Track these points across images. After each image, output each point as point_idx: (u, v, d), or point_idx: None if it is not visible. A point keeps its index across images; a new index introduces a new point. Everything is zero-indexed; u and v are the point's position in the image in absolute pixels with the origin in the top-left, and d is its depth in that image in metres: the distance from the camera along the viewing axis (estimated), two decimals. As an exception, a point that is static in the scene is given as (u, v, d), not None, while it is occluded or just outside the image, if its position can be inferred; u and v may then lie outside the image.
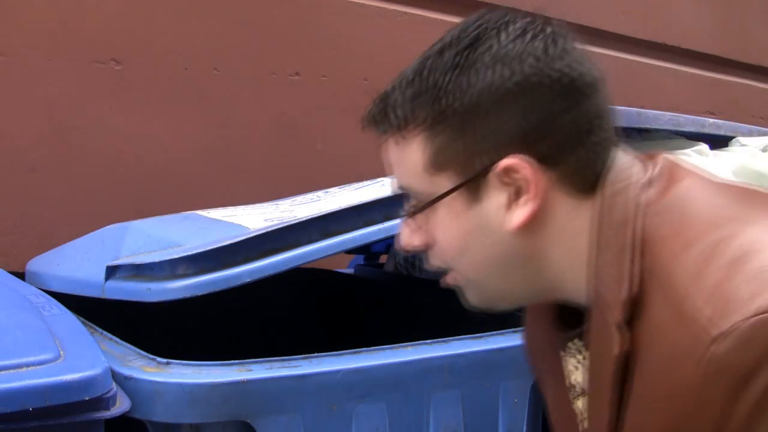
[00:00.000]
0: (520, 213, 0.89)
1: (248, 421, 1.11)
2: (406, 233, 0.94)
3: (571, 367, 1.02)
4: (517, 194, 0.89)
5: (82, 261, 1.49)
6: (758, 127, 1.80)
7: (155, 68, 2.49)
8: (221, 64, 2.61)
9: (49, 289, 1.45)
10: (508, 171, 0.88)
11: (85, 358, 1.04)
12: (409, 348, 1.26)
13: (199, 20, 2.57)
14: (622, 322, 0.83)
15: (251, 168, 2.66)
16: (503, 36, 0.89)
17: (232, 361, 1.14)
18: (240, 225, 1.43)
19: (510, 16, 0.92)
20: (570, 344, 0.99)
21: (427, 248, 0.93)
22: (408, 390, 1.22)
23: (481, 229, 0.90)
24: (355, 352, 1.21)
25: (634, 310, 0.83)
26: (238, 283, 1.24)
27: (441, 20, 3.09)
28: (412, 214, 0.93)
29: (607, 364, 0.85)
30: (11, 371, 0.96)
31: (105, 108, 2.39)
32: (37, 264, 1.68)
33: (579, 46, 0.92)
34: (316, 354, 1.19)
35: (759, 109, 4.53)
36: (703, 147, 1.58)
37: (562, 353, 1.02)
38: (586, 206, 0.90)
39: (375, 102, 0.92)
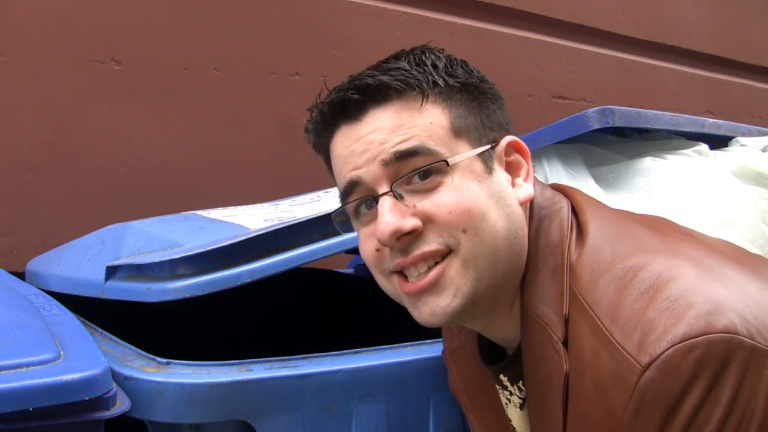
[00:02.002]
0: (527, 186, 0.96)
1: (248, 421, 1.11)
2: (395, 216, 0.89)
3: (503, 403, 1.06)
4: (516, 170, 0.96)
5: (82, 261, 1.49)
6: (758, 127, 1.79)
7: (155, 68, 2.48)
8: (221, 64, 2.61)
9: (49, 289, 1.45)
10: (512, 147, 0.96)
11: (85, 358, 1.04)
12: (409, 348, 1.26)
13: (199, 20, 2.57)
14: (564, 339, 0.86)
15: (251, 168, 2.66)
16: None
17: (232, 361, 1.14)
18: (240, 225, 1.43)
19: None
20: (501, 377, 1.02)
21: (421, 228, 0.89)
22: (408, 390, 1.22)
23: (500, 196, 0.93)
24: (355, 352, 1.21)
25: (566, 330, 0.86)
26: (238, 283, 1.24)
27: (441, 20, 3.10)
28: (426, 174, 0.89)
29: (552, 384, 0.87)
30: (11, 371, 0.96)
31: (105, 108, 2.39)
32: (37, 264, 1.68)
33: None
34: (316, 354, 1.19)
35: (759, 109, 4.53)
36: (703, 147, 1.58)
37: (497, 386, 1.05)
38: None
39: (393, 69, 0.93)
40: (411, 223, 0.89)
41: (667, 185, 1.45)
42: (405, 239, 0.89)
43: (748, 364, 0.75)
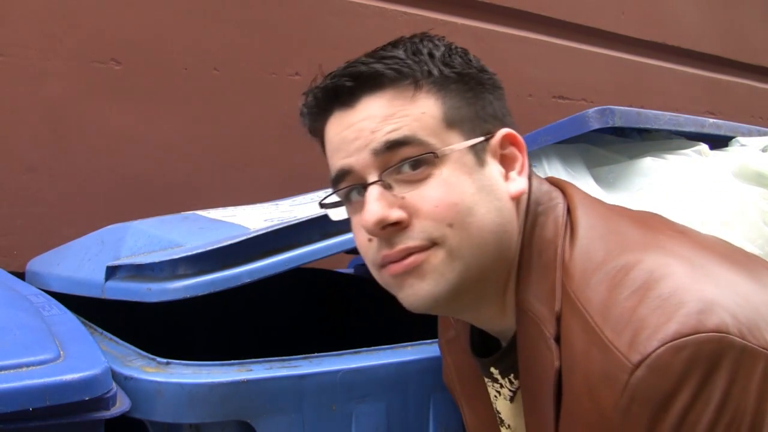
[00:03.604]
0: (520, 181, 0.94)
1: (248, 421, 1.11)
2: (381, 206, 0.88)
3: (492, 396, 1.05)
4: (510, 164, 0.94)
5: (82, 261, 1.49)
6: (758, 127, 1.79)
7: (155, 68, 2.48)
8: (221, 64, 2.61)
9: (49, 289, 1.45)
10: (507, 140, 0.95)
11: (85, 358, 1.04)
12: (409, 348, 1.26)
13: (199, 20, 2.57)
14: (557, 336, 0.86)
15: (251, 168, 2.66)
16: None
17: (232, 361, 1.14)
18: (240, 225, 1.43)
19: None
20: (492, 369, 1.01)
21: (407, 220, 0.88)
22: (408, 390, 1.22)
23: (491, 189, 0.91)
24: (355, 352, 1.21)
25: (559, 327, 0.86)
26: (238, 283, 1.24)
27: (441, 20, 3.10)
28: (416, 165, 0.88)
29: (545, 380, 0.86)
30: (11, 371, 0.96)
31: (105, 108, 2.39)
32: (37, 264, 1.68)
33: None
34: (316, 354, 1.19)
35: (759, 109, 4.53)
36: (703, 147, 1.57)
37: (486, 379, 1.04)
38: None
39: (387, 57, 0.92)
40: (396, 214, 0.88)
41: (667, 185, 1.45)
42: (390, 229, 0.88)
43: (739, 363, 0.75)
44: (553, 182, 1.00)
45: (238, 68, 2.64)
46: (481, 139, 0.92)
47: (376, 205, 0.88)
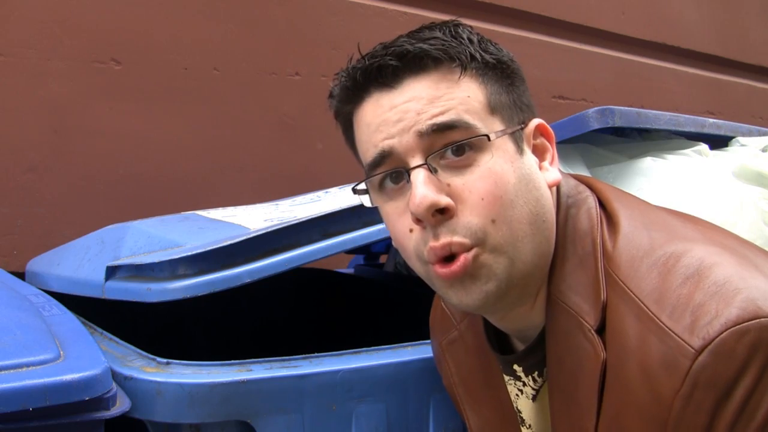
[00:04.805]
0: (554, 171, 0.94)
1: (248, 421, 1.11)
2: (431, 189, 0.85)
3: (513, 395, 1.02)
4: (542, 154, 0.94)
5: (82, 261, 1.49)
6: (758, 127, 1.79)
7: (155, 68, 2.48)
8: (221, 64, 2.61)
9: (49, 289, 1.45)
10: (539, 131, 0.95)
11: (85, 358, 1.04)
12: (409, 348, 1.26)
13: (199, 20, 2.57)
14: (599, 327, 0.84)
15: (251, 168, 2.66)
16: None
17: (232, 361, 1.14)
18: (240, 225, 1.43)
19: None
20: (515, 367, 0.99)
21: (453, 208, 0.86)
22: (408, 390, 1.22)
23: (530, 179, 0.90)
24: (355, 352, 1.21)
25: (604, 317, 0.85)
26: (238, 283, 1.24)
27: (441, 20, 3.10)
28: (460, 150, 0.86)
29: (582, 374, 0.85)
30: (11, 371, 0.96)
31: (105, 108, 2.39)
32: (37, 264, 1.68)
33: None
34: (316, 354, 1.19)
35: (759, 109, 4.53)
36: (703, 147, 1.57)
37: (507, 378, 1.01)
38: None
39: (430, 38, 0.91)
40: (446, 200, 0.85)
41: (667, 185, 1.45)
42: (439, 217, 0.86)
43: None
44: (577, 178, 0.99)
45: (238, 68, 2.65)
46: (519, 127, 0.92)
47: (425, 188, 0.85)
